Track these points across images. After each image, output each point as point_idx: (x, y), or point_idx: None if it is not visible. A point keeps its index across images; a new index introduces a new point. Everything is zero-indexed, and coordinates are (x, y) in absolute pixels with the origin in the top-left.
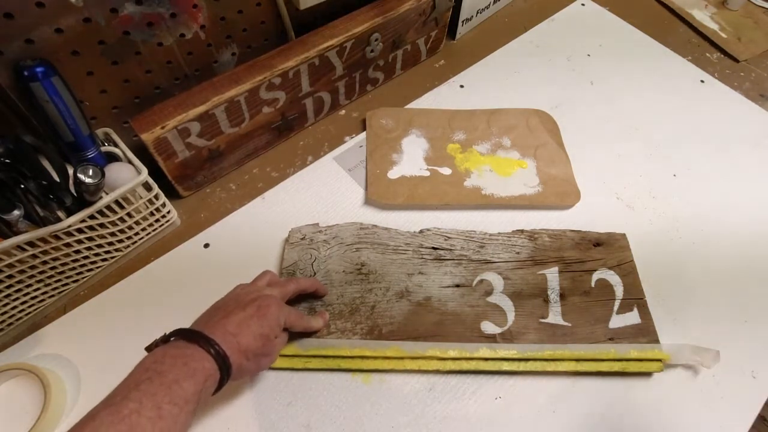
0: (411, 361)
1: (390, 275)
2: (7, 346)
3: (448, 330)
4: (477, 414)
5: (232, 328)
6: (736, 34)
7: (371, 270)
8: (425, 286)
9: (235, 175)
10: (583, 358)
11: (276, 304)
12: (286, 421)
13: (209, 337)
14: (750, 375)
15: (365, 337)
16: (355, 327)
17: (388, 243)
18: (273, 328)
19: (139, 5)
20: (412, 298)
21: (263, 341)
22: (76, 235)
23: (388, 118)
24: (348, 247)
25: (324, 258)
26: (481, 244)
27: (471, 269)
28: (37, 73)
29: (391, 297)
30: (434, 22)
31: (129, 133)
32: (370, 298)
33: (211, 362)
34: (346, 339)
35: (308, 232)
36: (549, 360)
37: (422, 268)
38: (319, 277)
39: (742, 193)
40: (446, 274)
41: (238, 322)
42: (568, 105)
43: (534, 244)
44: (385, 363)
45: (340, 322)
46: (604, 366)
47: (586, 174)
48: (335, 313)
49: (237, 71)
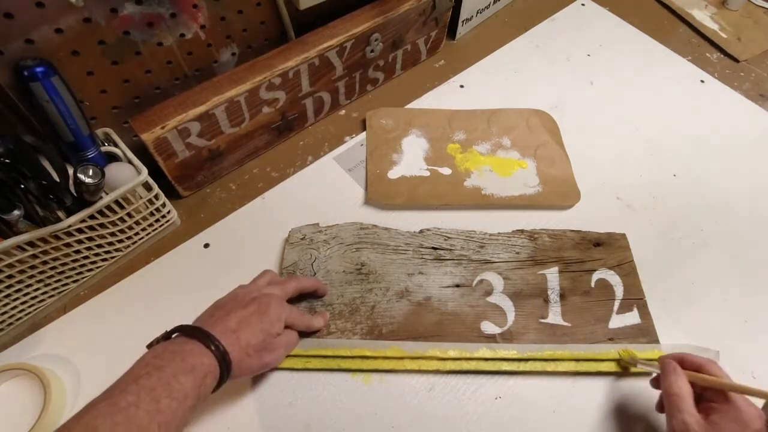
0: (411, 361)
1: (390, 275)
2: (7, 346)
3: (448, 330)
4: (477, 414)
5: (232, 324)
6: (736, 34)
7: (371, 270)
8: (425, 286)
9: (235, 175)
10: (583, 358)
11: (276, 302)
12: (286, 421)
13: (209, 332)
14: (750, 375)
15: (365, 337)
16: (355, 327)
17: (388, 243)
18: (274, 324)
19: (139, 5)
20: (412, 298)
21: (264, 337)
22: (76, 235)
23: (388, 118)
24: (348, 247)
25: (324, 258)
26: (481, 244)
27: (471, 269)
28: (37, 73)
29: (391, 297)
30: (434, 22)
31: (129, 133)
32: (370, 298)
33: (210, 358)
34: (346, 339)
35: (308, 232)
36: (549, 360)
37: (422, 268)
38: (319, 276)
39: (742, 193)
40: (446, 274)
41: (239, 319)
42: (568, 105)
43: (534, 244)
44: (385, 363)
45: (340, 322)
46: (604, 366)
47: (586, 174)
48: (335, 313)
49: (237, 71)
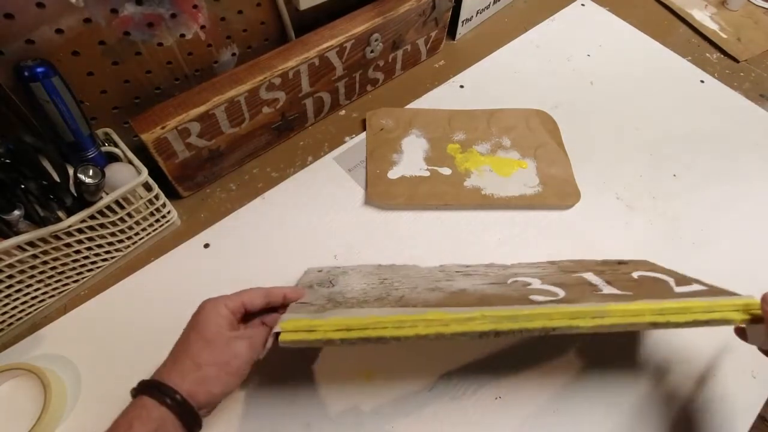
0: (458, 324)
1: (416, 281)
2: (7, 346)
3: (494, 300)
4: (477, 414)
5: (173, 355)
6: (736, 34)
7: (395, 280)
8: (456, 286)
9: (235, 175)
10: (663, 310)
11: (209, 303)
12: (286, 420)
13: (151, 380)
14: (750, 375)
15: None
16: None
17: (409, 272)
18: (215, 325)
19: (140, 5)
20: (444, 290)
21: (209, 345)
22: (76, 235)
23: (388, 118)
24: (369, 271)
25: (343, 278)
26: (504, 266)
27: (502, 276)
28: (37, 74)
29: (421, 291)
30: (434, 22)
31: (129, 134)
32: (397, 294)
33: (157, 408)
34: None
35: (325, 268)
36: (625, 314)
37: (450, 278)
38: (338, 288)
39: (742, 193)
40: (476, 279)
41: (179, 344)
42: (568, 105)
43: (557, 266)
44: (425, 327)
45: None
46: (688, 315)
47: (586, 174)
48: (360, 301)
49: (237, 71)
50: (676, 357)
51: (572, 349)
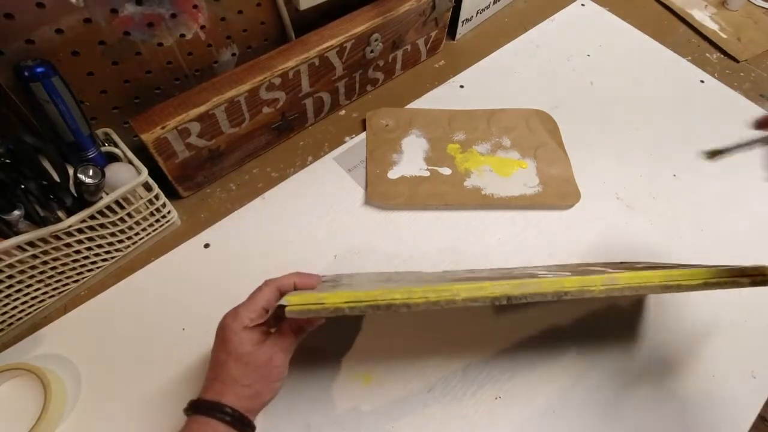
0: (468, 292)
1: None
2: (7, 346)
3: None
4: (477, 414)
5: (220, 379)
6: (736, 34)
7: (401, 278)
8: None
9: (235, 175)
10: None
11: (230, 319)
12: (286, 420)
13: (209, 401)
14: (750, 375)
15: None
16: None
17: (414, 276)
18: (247, 342)
19: (140, 5)
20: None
21: (248, 366)
22: (76, 235)
23: (388, 118)
24: (374, 278)
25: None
26: (509, 269)
27: (507, 273)
28: (37, 74)
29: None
30: (434, 22)
31: (129, 134)
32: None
33: (221, 426)
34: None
35: (329, 275)
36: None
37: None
38: (345, 282)
39: (741, 193)
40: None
41: (218, 366)
42: (568, 105)
43: (561, 267)
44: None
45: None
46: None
47: (586, 174)
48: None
49: (237, 71)
50: (675, 357)
51: (572, 349)
